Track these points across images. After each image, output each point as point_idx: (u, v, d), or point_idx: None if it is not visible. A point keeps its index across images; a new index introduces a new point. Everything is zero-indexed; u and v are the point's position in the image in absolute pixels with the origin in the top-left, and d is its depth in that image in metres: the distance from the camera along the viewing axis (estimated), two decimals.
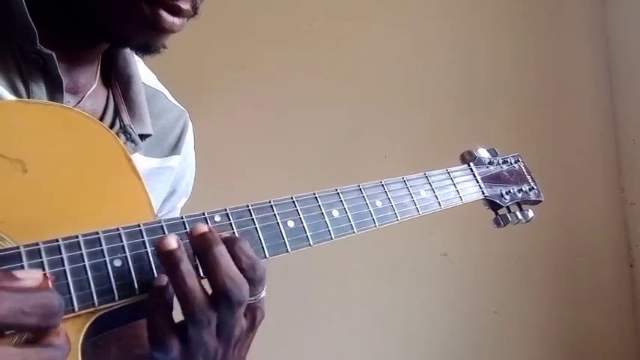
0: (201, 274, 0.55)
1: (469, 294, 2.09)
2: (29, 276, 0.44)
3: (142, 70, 0.83)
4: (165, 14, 0.66)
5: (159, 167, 0.83)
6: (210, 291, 0.55)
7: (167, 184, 0.86)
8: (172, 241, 0.54)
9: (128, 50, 0.79)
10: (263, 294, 0.59)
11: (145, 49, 0.71)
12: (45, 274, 0.46)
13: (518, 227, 0.93)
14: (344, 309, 1.95)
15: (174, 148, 0.87)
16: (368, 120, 2.02)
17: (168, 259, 0.53)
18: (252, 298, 0.58)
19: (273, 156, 1.91)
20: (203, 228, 0.56)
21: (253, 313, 0.60)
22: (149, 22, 0.66)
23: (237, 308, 0.55)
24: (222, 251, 0.54)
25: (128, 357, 0.75)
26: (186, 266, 0.53)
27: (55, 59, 0.66)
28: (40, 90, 0.66)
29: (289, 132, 1.94)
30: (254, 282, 0.56)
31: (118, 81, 0.79)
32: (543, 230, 2.06)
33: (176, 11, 0.67)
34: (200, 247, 0.55)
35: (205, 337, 0.54)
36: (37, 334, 0.43)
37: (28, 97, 0.66)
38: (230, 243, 0.56)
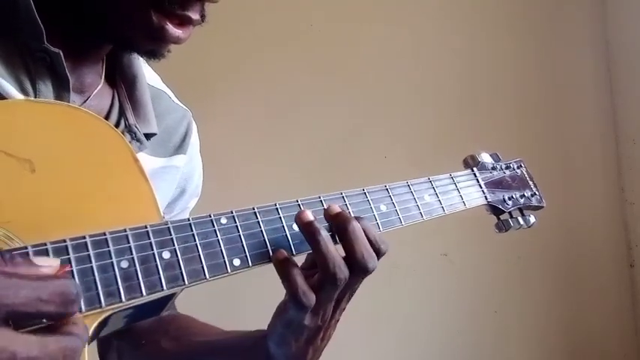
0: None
1: (469, 294, 2.09)
2: (46, 263, 0.44)
3: (146, 70, 0.84)
4: (171, 28, 0.67)
5: (164, 167, 0.83)
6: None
7: (172, 183, 0.86)
8: (309, 214, 0.62)
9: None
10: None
11: (150, 54, 0.72)
12: (60, 265, 0.46)
13: (517, 230, 0.93)
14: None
15: (179, 148, 0.87)
16: (368, 120, 2.02)
17: (310, 227, 0.61)
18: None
19: (273, 156, 1.91)
20: (338, 208, 0.64)
21: (361, 282, 0.67)
22: (155, 32, 0.67)
23: (365, 276, 0.64)
24: (358, 227, 0.63)
25: (186, 345, 0.81)
26: (325, 233, 0.61)
27: (62, 58, 0.66)
28: (46, 88, 0.67)
29: (290, 132, 1.94)
30: (381, 255, 0.66)
31: (122, 81, 0.79)
32: (543, 230, 2.06)
33: (186, 21, 0.68)
34: (340, 223, 0.63)
35: (334, 295, 0.63)
36: (56, 322, 0.43)
37: (35, 95, 0.66)
38: (359, 220, 0.64)
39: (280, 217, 0.64)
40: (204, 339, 0.82)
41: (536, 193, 0.94)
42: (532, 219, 0.92)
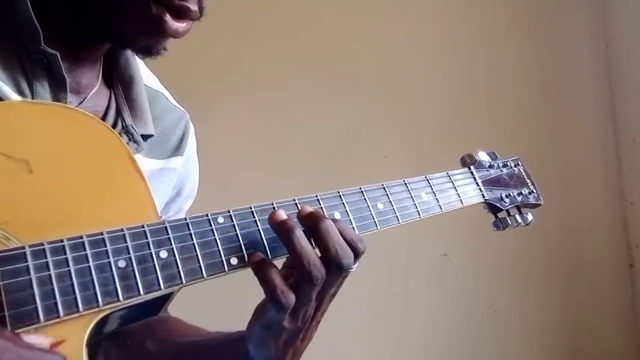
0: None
1: (469, 294, 2.09)
2: (37, 341, 0.45)
3: (143, 71, 0.84)
4: (170, 19, 0.67)
5: (161, 168, 0.83)
6: None
7: (170, 185, 0.86)
8: (282, 213, 0.62)
9: (129, 51, 0.79)
10: (356, 267, 0.66)
11: (146, 51, 0.72)
12: (53, 343, 0.47)
13: (518, 227, 0.94)
14: (343, 309, 1.95)
15: (177, 150, 0.87)
16: (368, 120, 2.02)
17: (283, 226, 0.60)
18: (353, 267, 0.64)
19: (273, 156, 1.91)
20: (310, 208, 0.64)
21: (342, 282, 0.67)
22: (154, 24, 0.67)
23: (344, 274, 0.63)
24: (331, 224, 0.62)
25: (169, 347, 0.80)
26: (299, 231, 0.60)
27: (59, 59, 0.67)
28: (44, 89, 0.67)
29: (289, 132, 1.94)
30: (359, 254, 0.64)
31: (119, 82, 0.79)
32: (543, 230, 2.06)
33: (184, 12, 0.67)
34: (311, 222, 0.62)
35: (313, 295, 0.62)
36: None
37: (32, 97, 0.66)
38: (335, 221, 0.63)
39: None
40: (187, 340, 0.81)
41: (534, 190, 0.94)
42: (530, 217, 0.92)
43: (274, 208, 0.64)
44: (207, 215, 0.61)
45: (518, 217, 0.91)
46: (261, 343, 0.66)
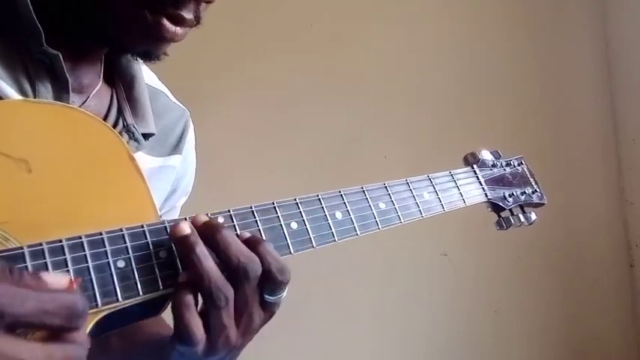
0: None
1: (469, 294, 2.09)
2: (55, 280, 0.44)
3: (143, 70, 0.84)
4: (167, 23, 0.67)
5: (161, 166, 0.84)
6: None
7: (168, 183, 0.87)
8: (186, 227, 0.56)
9: None
10: (285, 294, 0.61)
11: (146, 56, 0.72)
12: (71, 279, 0.46)
13: (520, 227, 0.93)
14: (343, 309, 1.96)
15: (176, 148, 0.87)
16: (368, 120, 2.02)
17: (183, 243, 0.55)
18: (275, 298, 0.60)
19: (273, 156, 1.91)
20: (204, 217, 0.59)
21: (272, 309, 0.61)
22: (151, 30, 0.67)
23: (253, 284, 0.57)
24: (229, 233, 0.57)
25: (130, 345, 0.78)
26: (201, 249, 0.55)
27: (62, 59, 0.66)
28: (46, 90, 0.67)
29: (289, 132, 1.94)
30: (281, 284, 0.59)
31: (121, 81, 0.79)
32: (543, 230, 2.06)
33: (179, 20, 0.67)
34: (207, 232, 0.57)
35: (225, 320, 0.56)
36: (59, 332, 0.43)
37: (35, 97, 0.66)
38: (255, 243, 0.58)
39: (278, 216, 0.64)
40: (143, 339, 0.79)
41: (537, 190, 0.94)
42: (533, 216, 0.92)
43: (274, 208, 0.64)
44: (207, 215, 0.60)
45: (521, 216, 0.91)
46: None
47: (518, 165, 0.95)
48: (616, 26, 2.24)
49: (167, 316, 0.79)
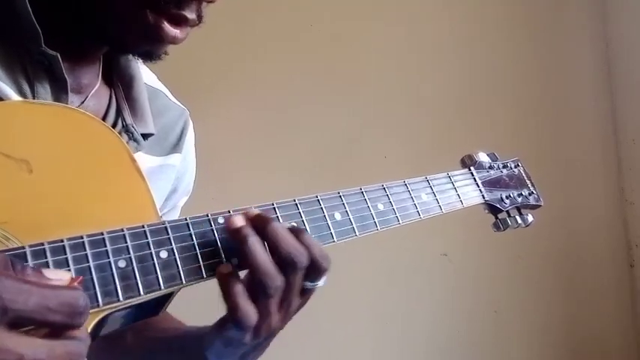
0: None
1: (469, 294, 2.09)
2: (57, 276, 0.45)
3: (142, 69, 0.84)
4: (167, 27, 0.67)
5: (161, 165, 0.84)
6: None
7: (169, 182, 0.87)
8: (239, 220, 0.59)
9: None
10: (322, 281, 0.64)
11: (147, 55, 0.72)
12: (72, 277, 0.46)
13: (518, 228, 0.94)
14: (344, 309, 1.96)
15: (176, 147, 0.87)
16: (368, 120, 2.02)
17: (239, 234, 0.58)
18: (314, 284, 0.63)
19: (273, 156, 1.91)
20: (257, 210, 0.62)
21: (309, 295, 0.65)
22: (151, 31, 0.67)
23: (300, 274, 0.60)
24: (279, 225, 0.60)
25: (144, 341, 0.80)
26: (255, 239, 0.58)
27: (60, 60, 0.67)
28: (44, 91, 0.67)
29: (289, 132, 1.94)
30: (324, 271, 0.62)
31: (120, 81, 0.79)
32: (543, 230, 2.06)
33: (182, 20, 0.67)
34: (259, 224, 0.59)
35: (272, 307, 0.60)
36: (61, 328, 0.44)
37: (33, 98, 0.66)
38: (298, 234, 0.61)
39: (277, 217, 0.64)
40: (162, 335, 0.81)
41: (534, 191, 0.95)
42: (530, 218, 0.93)
43: (274, 208, 0.64)
44: (208, 215, 0.61)
45: (518, 218, 0.91)
46: (219, 356, 0.66)
47: (515, 167, 0.96)
48: (616, 26, 2.25)
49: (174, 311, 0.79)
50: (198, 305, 0.93)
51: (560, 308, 2.18)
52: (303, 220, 0.65)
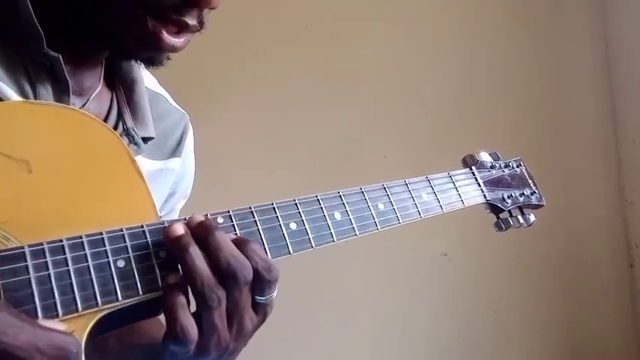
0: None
1: (469, 294, 2.09)
2: (53, 324, 0.45)
3: (143, 73, 0.84)
4: (166, 36, 0.67)
5: (160, 169, 0.84)
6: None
7: (167, 186, 0.87)
8: (179, 228, 0.56)
9: None
10: (275, 293, 0.61)
11: (149, 61, 0.72)
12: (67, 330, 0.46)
13: (520, 228, 0.94)
14: (344, 309, 1.96)
15: (175, 151, 0.88)
16: (368, 120, 2.02)
17: (177, 244, 0.55)
18: (265, 298, 0.60)
19: (273, 156, 1.91)
20: (200, 217, 0.58)
21: (265, 310, 0.61)
22: (150, 40, 0.67)
23: (244, 287, 0.57)
24: (222, 235, 0.57)
25: (126, 347, 0.78)
26: (194, 250, 0.55)
27: (62, 62, 0.67)
28: (46, 92, 0.67)
29: (289, 132, 1.94)
30: (270, 283, 0.59)
31: (121, 84, 0.80)
32: (543, 230, 2.06)
33: (182, 26, 0.67)
34: (201, 233, 0.57)
35: (217, 321, 0.57)
36: None
37: (35, 99, 0.66)
38: (242, 244, 0.58)
39: (277, 217, 0.64)
40: (138, 341, 0.79)
41: (536, 191, 0.94)
42: (532, 217, 0.92)
43: (274, 208, 0.64)
44: (207, 215, 0.61)
45: (520, 217, 0.91)
46: None
47: (517, 166, 0.96)
48: (616, 26, 2.24)
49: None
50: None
51: (560, 308, 2.18)
52: (302, 220, 0.65)
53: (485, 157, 0.92)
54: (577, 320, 2.19)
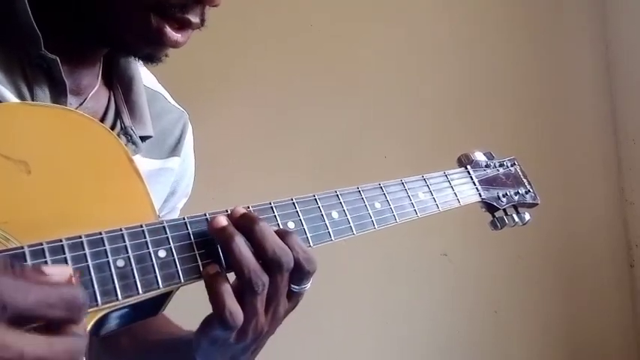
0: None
1: (469, 294, 2.09)
2: (56, 272, 0.45)
3: (141, 71, 0.84)
4: (169, 31, 0.67)
5: (159, 169, 0.84)
6: None
7: (167, 185, 0.87)
8: (223, 219, 0.59)
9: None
10: (309, 285, 0.64)
11: (148, 58, 0.72)
12: (71, 274, 0.47)
13: (518, 227, 0.94)
14: (344, 309, 1.96)
15: (174, 150, 0.88)
16: (368, 120, 2.03)
17: (222, 234, 0.58)
18: (301, 288, 0.63)
19: (272, 156, 1.92)
20: (242, 210, 0.61)
21: (297, 299, 0.65)
22: (153, 35, 0.67)
23: (285, 274, 0.60)
24: (266, 226, 0.60)
25: (139, 344, 0.80)
26: (239, 238, 0.58)
27: (59, 64, 0.67)
28: (43, 94, 0.67)
29: (289, 132, 1.95)
30: (308, 274, 0.62)
31: (119, 83, 0.80)
32: (543, 230, 2.06)
33: (185, 24, 0.68)
34: (245, 224, 0.59)
35: (258, 306, 0.59)
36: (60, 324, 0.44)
37: (32, 101, 0.66)
38: (284, 235, 0.61)
39: (275, 216, 0.64)
40: (155, 338, 0.81)
41: (531, 190, 0.95)
42: (527, 216, 0.93)
43: (272, 207, 0.65)
44: (206, 215, 0.61)
45: (515, 216, 0.92)
46: (207, 356, 0.66)
47: (511, 166, 0.96)
48: (616, 28, 2.25)
49: (171, 314, 0.80)
50: (197, 307, 0.93)
51: (560, 308, 2.18)
52: (300, 219, 0.66)
53: (479, 156, 0.93)
54: (577, 320, 2.19)
